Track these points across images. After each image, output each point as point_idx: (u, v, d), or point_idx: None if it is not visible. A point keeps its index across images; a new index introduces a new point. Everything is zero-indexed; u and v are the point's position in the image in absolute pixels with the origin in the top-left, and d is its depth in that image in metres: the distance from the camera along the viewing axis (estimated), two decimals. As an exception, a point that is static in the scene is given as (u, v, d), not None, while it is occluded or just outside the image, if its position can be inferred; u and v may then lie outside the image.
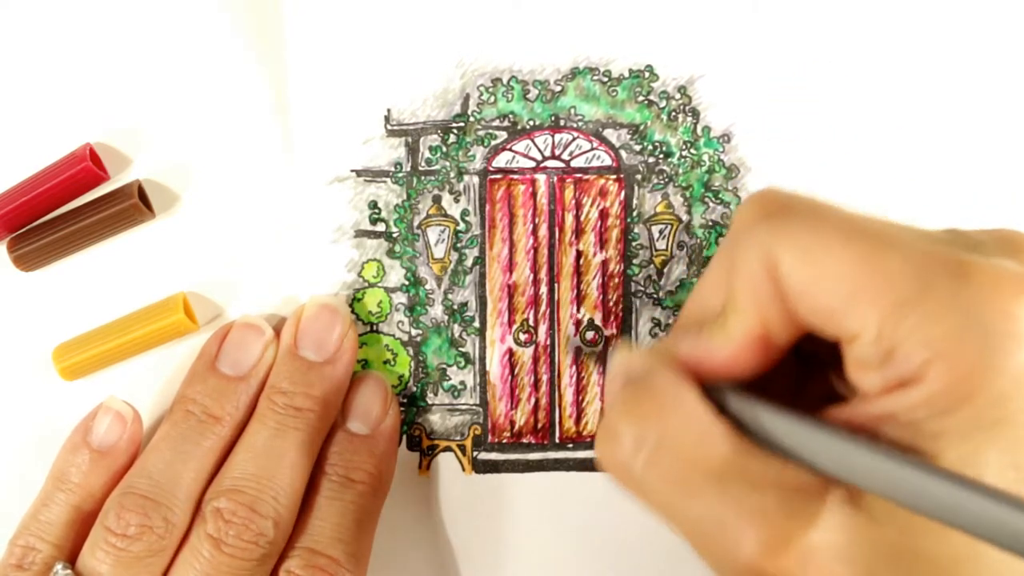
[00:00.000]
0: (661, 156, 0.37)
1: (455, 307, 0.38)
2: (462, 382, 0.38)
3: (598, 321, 0.38)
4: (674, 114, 0.37)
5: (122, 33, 0.36)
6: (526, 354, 0.38)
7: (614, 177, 0.37)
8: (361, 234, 0.37)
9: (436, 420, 0.38)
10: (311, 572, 0.33)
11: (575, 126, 0.37)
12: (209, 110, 0.37)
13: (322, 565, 0.33)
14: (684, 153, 0.37)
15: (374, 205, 0.37)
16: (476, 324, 0.38)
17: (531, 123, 0.37)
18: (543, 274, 0.38)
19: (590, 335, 0.38)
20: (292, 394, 0.34)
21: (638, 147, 0.37)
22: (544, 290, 0.38)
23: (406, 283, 0.38)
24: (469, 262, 0.38)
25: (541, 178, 0.37)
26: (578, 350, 0.37)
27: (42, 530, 0.34)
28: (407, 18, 0.36)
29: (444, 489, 0.38)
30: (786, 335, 0.25)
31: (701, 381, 0.26)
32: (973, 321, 0.22)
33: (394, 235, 0.37)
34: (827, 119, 0.37)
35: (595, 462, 0.38)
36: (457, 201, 0.37)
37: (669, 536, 0.38)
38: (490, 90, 0.37)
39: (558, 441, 0.38)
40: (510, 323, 0.38)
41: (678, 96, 0.37)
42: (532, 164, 0.37)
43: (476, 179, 0.37)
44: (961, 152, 0.37)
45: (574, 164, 0.37)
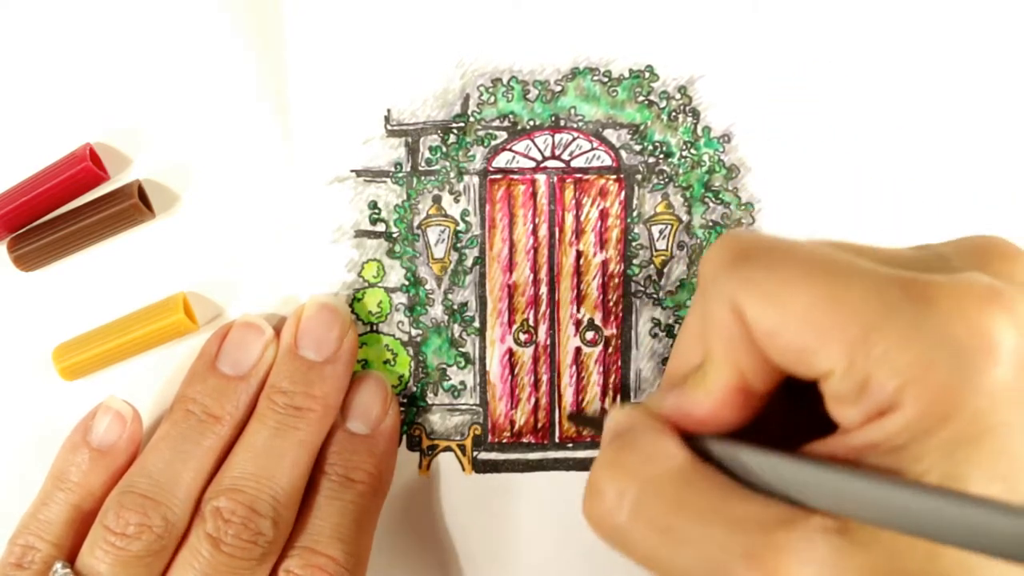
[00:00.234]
0: (661, 156, 0.37)
1: (455, 307, 0.38)
2: (462, 382, 0.38)
3: (598, 321, 0.38)
4: (674, 114, 0.37)
5: (122, 33, 0.36)
6: (526, 354, 0.38)
7: (614, 177, 0.37)
8: (361, 234, 0.37)
9: (436, 420, 0.38)
10: (310, 571, 0.33)
11: (575, 126, 0.37)
12: (209, 110, 0.37)
13: (321, 564, 0.33)
14: (684, 153, 0.37)
15: (374, 205, 0.37)
16: (476, 324, 0.38)
17: (531, 123, 0.37)
18: (543, 274, 0.38)
19: (590, 335, 0.38)
20: (292, 394, 0.34)
21: (638, 147, 0.37)
22: (544, 290, 0.38)
23: (406, 283, 0.38)
24: (469, 262, 0.38)
25: (541, 178, 0.37)
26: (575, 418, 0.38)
27: (42, 529, 0.34)
28: (407, 18, 0.36)
29: (444, 489, 0.38)
30: (764, 383, 0.25)
31: (687, 435, 0.26)
32: (941, 342, 0.22)
33: (394, 235, 0.37)
34: (827, 119, 0.37)
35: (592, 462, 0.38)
36: (457, 201, 0.37)
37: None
38: (490, 90, 0.37)
39: (558, 441, 0.38)
40: (510, 323, 0.38)
41: (678, 96, 0.37)
42: (532, 164, 0.37)
43: (476, 179, 0.37)
44: (961, 152, 0.37)
45: (574, 164, 0.37)
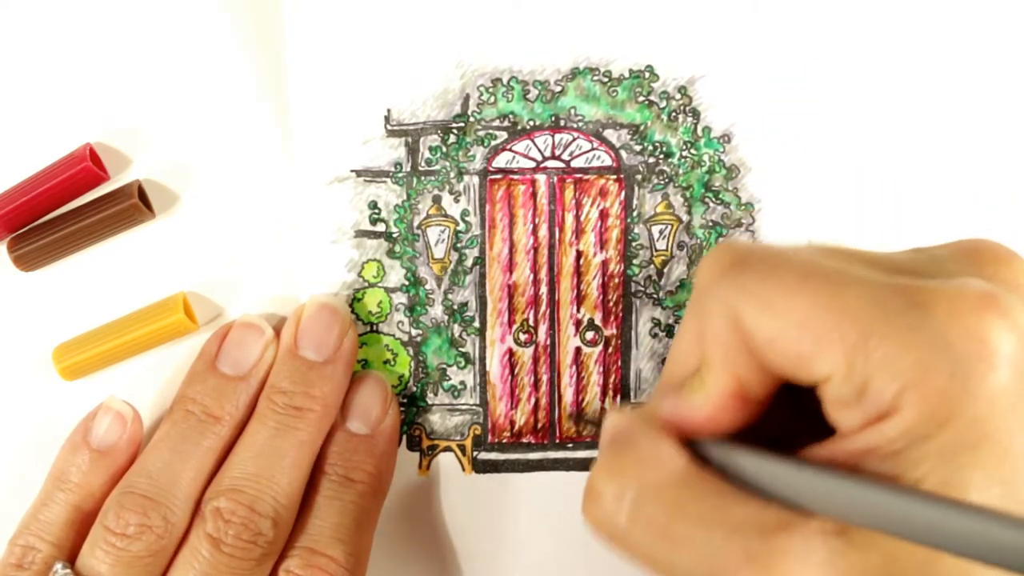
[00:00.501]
0: (661, 156, 0.37)
1: (455, 307, 0.38)
2: (462, 382, 0.38)
3: (598, 321, 0.38)
4: (674, 114, 0.37)
5: (122, 33, 0.36)
6: (526, 354, 0.38)
7: (614, 177, 0.37)
8: (361, 234, 0.37)
9: (436, 420, 0.38)
10: (311, 572, 0.33)
11: (575, 126, 0.37)
12: (209, 110, 0.37)
13: (321, 565, 0.33)
14: (684, 153, 0.37)
15: (374, 205, 0.37)
16: (476, 324, 0.38)
17: (531, 123, 0.37)
18: (543, 274, 0.38)
19: (590, 335, 0.38)
20: (292, 394, 0.34)
21: (638, 147, 0.37)
22: (544, 290, 0.38)
23: (406, 283, 0.38)
24: (469, 262, 0.38)
25: (541, 178, 0.37)
26: (579, 420, 0.38)
27: (42, 530, 0.34)
28: (407, 18, 0.36)
29: (444, 489, 0.38)
30: (762, 388, 0.25)
31: (685, 439, 0.26)
32: (939, 347, 0.22)
33: (394, 235, 0.37)
34: (827, 119, 0.37)
35: (592, 462, 0.38)
36: (457, 201, 0.37)
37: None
38: (490, 90, 0.37)
39: (558, 441, 0.38)
40: (510, 323, 0.38)
41: (678, 96, 0.37)
42: (532, 164, 0.37)
43: (476, 179, 0.37)
44: (961, 152, 0.37)
45: (574, 164, 0.37)
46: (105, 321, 0.37)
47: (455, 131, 0.37)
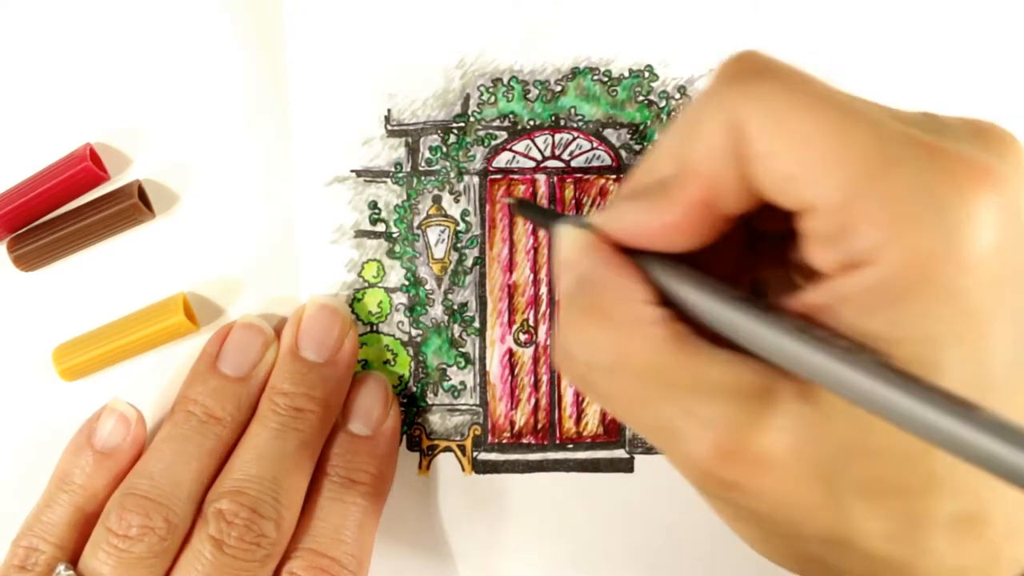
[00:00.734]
0: (661, 156, 0.37)
1: (455, 307, 0.38)
2: (462, 382, 0.38)
3: (598, 321, 0.38)
4: (674, 114, 0.37)
5: (122, 33, 0.36)
6: (526, 354, 0.38)
7: (614, 177, 0.37)
8: (361, 234, 0.37)
9: (436, 420, 0.38)
10: (313, 573, 0.33)
11: (575, 126, 0.37)
12: (209, 110, 0.37)
13: (324, 566, 0.33)
14: (684, 153, 0.37)
15: (374, 205, 0.37)
16: (476, 324, 0.38)
17: (531, 123, 0.37)
18: (543, 274, 0.38)
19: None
20: (293, 395, 0.35)
21: (638, 147, 0.37)
22: (544, 290, 0.38)
23: (406, 283, 0.38)
24: (469, 262, 0.38)
25: (541, 178, 0.37)
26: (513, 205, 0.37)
27: (45, 531, 0.34)
28: (407, 18, 0.36)
29: (444, 489, 0.38)
30: (734, 203, 0.24)
31: (636, 251, 0.25)
32: (932, 205, 0.21)
33: (394, 235, 0.37)
34: (827, 120, 0.37)
35: (592, 463, 0.38)
36: (457, 201, 0.37)
37: (669, 536, 0.38)
38: (490, 90, 0.37)
39: (558, 441, 0.38)
40: (510, 323, 0.38)
41: (678, 96, 0.37)
42: (532, 164, 0.37)
43: (476, 179, 0.37)
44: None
45: (574, 164, 0.37)
46: (105, 322, 0.37)
47: (455, 131, 0.37)
